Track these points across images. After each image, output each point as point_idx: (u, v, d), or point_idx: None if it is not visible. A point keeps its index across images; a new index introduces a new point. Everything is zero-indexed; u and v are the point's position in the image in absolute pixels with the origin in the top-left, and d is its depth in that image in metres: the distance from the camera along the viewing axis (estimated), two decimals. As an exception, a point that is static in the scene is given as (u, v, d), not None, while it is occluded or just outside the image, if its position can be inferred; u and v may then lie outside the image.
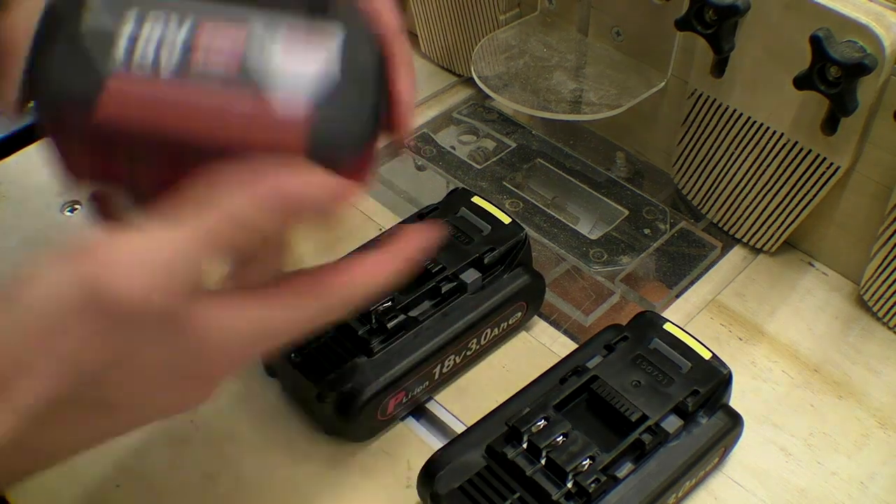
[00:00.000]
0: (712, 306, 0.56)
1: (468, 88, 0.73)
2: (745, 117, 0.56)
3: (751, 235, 0.59)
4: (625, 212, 0.61)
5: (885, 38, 0.47)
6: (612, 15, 0.62)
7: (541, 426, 0.43)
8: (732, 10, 0.51)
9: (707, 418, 0.45)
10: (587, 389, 0.45)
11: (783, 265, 0.59)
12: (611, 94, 0.60)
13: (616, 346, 0.47)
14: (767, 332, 0.55)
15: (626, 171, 0.66)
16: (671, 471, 0.43)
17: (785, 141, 0.55)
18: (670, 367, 0.46)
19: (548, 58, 0.63)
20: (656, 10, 0.58)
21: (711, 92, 0.57)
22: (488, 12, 0.68)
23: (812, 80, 0.50)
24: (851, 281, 0.58)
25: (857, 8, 0.48)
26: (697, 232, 0.60)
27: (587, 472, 0.41)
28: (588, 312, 0.56)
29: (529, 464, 0.42)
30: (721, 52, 0.54)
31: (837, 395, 0.52)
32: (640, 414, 0.43)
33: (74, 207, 0.61)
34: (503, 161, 0.65)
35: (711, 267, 0.59)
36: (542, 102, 0.60)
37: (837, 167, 0.53)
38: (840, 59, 0.48)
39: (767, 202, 0.57)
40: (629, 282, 0.57)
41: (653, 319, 0.48)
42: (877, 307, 0.55)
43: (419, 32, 0.75)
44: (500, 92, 0.61)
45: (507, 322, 0.51)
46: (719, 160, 0.59)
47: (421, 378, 0.48)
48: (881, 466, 0.48)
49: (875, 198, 0.54)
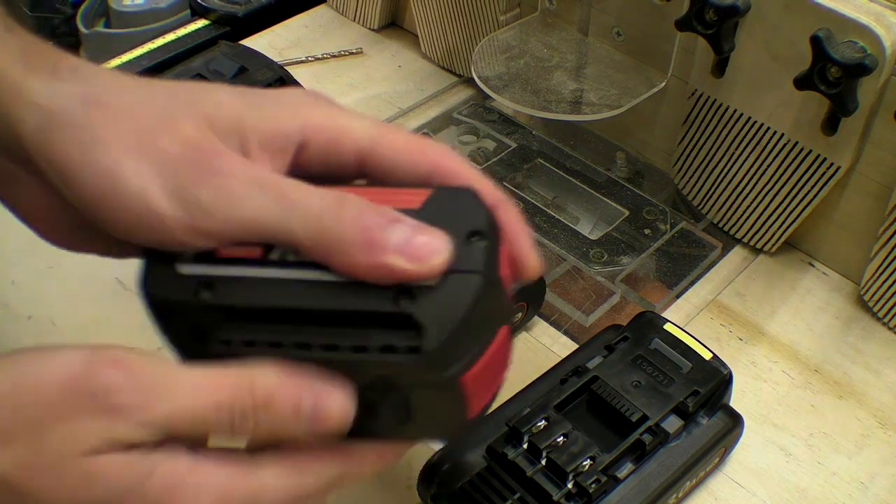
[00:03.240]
0: (712, 306, 0.57)
1: (468, 89, 0.73)
2: (745, 117, 0.56)
3: (751, 235, 0.59)
4: (625, 212, 0.61)
5: (886, 39, 0.47)
6: (612, 15, 0.62)
7: (541, 426, 0.43)
8: (733, 11, 0.51)
9: (707, 418, 0.45)
10: (587, 390, 0.45)
11: (783, 265, 0.59)
12: (611, 94, 0.60)
13: (616, 346, 0.47)
14: (768, 332, 0.55)
15: (627, 171, 0.66)
16: (671, 471, 0.43)
17: (785, 141, 0.55)
18: (671, 368, 0.45)
19: (548, 58, 0.63)
20: (657, 10, 0.58)
21: (712, 92, 0.57)
22: (488, 12, 0.68)
23: (812, 81, 0.50)
24: (852, 281, 0.58)
25: (857, 8, 0.48)
26: (697, 232, 0.60)
27: (587, 473, 0.41)
28: (588, 313, 0.56)
29: (530, 464, 0.42)
30: (721, 52, 0.54)
31: (838, 395, 0.52)
32: (641, 414, 0.43)
33: (75, 208, 0.61)
34: (503, 161, 0.65)
35: (712, 267, 0.59)
36: (543, 103, 0.60)
37: (838, 167, 0.53)
38: (840, 60, 0.48)
39: (768, 202, 0.57)
40: (629, 282, 0.57)
41: (653, 320, 0.48)
42: (877, 307, 0.55)
43: (419, 32, 0.75)
44: (500, 92, 0.61)
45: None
46: (719, 160, 0.59)
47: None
48: (881, 466, 0.48)
49: (875, 198, 0.54)
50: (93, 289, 0.56)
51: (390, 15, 0.80)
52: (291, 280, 0.31)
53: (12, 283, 0.56)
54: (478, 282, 0.30)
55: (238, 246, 0.31)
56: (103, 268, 0.58)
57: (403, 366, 0.30)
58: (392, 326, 0.30)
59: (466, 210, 0.32)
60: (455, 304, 0.30)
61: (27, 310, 0.55)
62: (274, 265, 0.31)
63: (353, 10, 0.80)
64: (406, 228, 0.30)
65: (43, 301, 0.55)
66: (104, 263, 0.58)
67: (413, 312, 0.30)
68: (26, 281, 0.57)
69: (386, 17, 0.79)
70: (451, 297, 0.30)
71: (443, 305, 0.30)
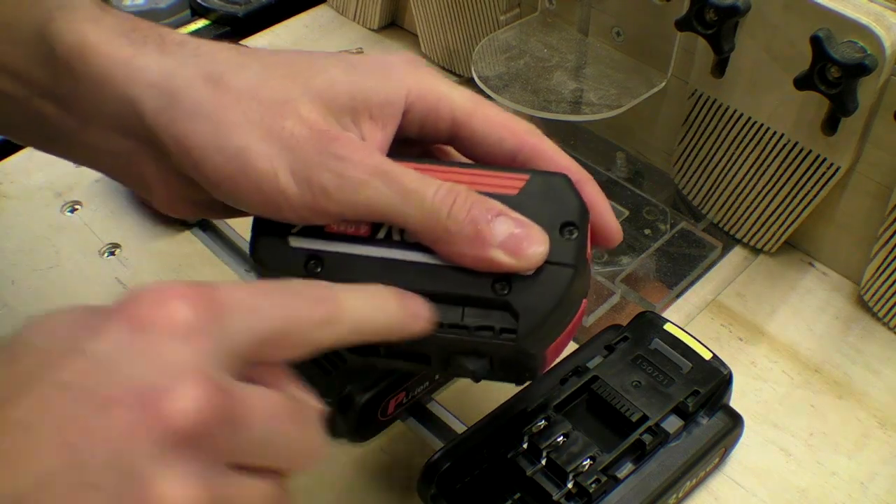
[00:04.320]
0: (713, 306, 0.56)
1: (469, 89, 0.73)
2: (745, 117, 0.56)
3: (751, 236, 0.59)
4: (625, 212, 0.61)
5: (886, 39, 0.47)
6: (612, 15, 0.62)
7: (541, 426, 0.43)
8: (733, 11, 0.51)
9: (707, 418, 0.45)
10: (587, 390, 0.45)
11: (783, 265, 0.59)
12: (611, 94, 0.60)
13: (616, 346, 0.47)
14: (768, 332, 0.55)
15: (627, 171, 0.66)
16: (672, 471, 0.43)
17: (785, 141, 0.55)
18: (671, 368, 0.46)
19: (548, 58, 0.63)
20: (657, 10, 0.58)
21: (712, 92, 0.57)
22: (488, 12, 0.68)
23: (812, 81, 0.50)
24: (852, 281, 0.58)
25: (857, 8, 0.48)
26: (698, 232, 0.60)
27: (588, 473, 0.41)
28: (588, 313, 0.56)
29: (530, 464, 0.42)
30: (721, 52, 0.54)
31: (838, 395, 0.52)
32: (641, 414, 0.43)
33: (75, 208, 0.61)
34: (503, 161, 0.65)
35: (712, 267, 0.59)
36: (543, 103, 0.60)
37: (838, 167, 0.53)
38: (840, 60, 0.48)
39: (768, 202, 0.57)
40: (629, 282, 0.57)
41: (653, 320, 0.48)
42: (877, 307, 0.55)
43: (419, 32, 0.75)
44: (500, 92, 0.61)
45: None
46: (720, 160, 0.59)
47: (421, 378, 0.48)
48: (881, 466, 0.48)
49: (875, 198, 0.54)
50: (93, 289, 0.56)
51: (390, 15, 0.80)
52: (396, 260, 0.34)
53: (12, 283, 0.56)
54: (570, 274, 0.33)
55: (347, 222, 0.34)
56: (103, 268, 0.58)
57: (497, 345, 0.33)
58: (489, 307, 0.33)
59: (560, 199, 0.35)
60: (548, 294, 0.33)
61: (27, 310, 0.55)
62: (380, 244, 0.34)
63: (353, 10, 0.80)
64: (510, 223, 0.33)
65: (43, 301, 0.55)
66: (104, 263, 0.58)
67: (511, 300, 0.33)
68: (26, 281, 0.57)
69: (386, 17, 0.79)
70: (545, 288, 0.33)
71: (537, 294, 0.33)
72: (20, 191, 0.63)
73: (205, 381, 0.25)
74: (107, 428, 0.24)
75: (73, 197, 0.62)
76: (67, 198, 0.62)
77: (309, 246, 0.34)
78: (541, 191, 0.34)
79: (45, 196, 0.62)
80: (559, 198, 0.35)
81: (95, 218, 0.61)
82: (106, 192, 0.62)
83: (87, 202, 0.62)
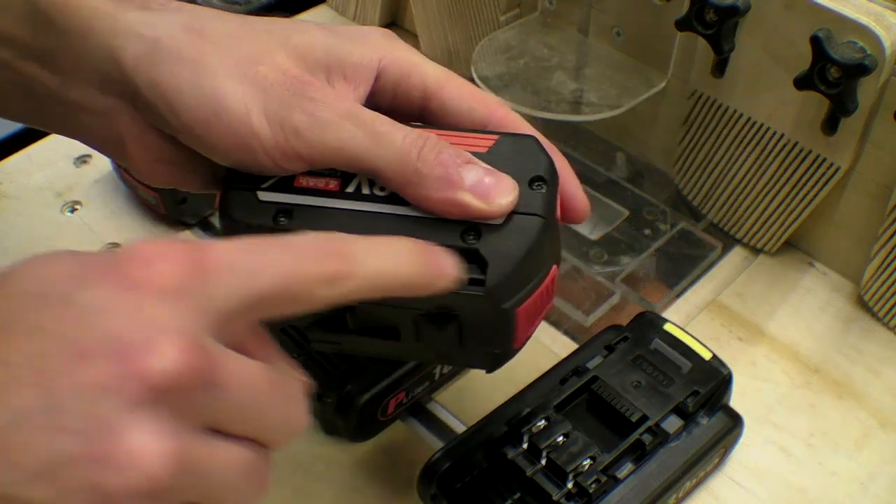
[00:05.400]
0: (712, 306, 0.56)
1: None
2: (745, 118, 0.56)
3: (751, 236, 0.59)
4: (625, 212, 0.61)
5: (886, 39, 0.47)
6: (612, 15, 0.62)
7: (541, 426, 0.43)
8: (733, 11, 0.51)
9: (707, 419, 0.45)
10: (587, 390, 0.45)
11: (783, 265, 0.59)
12: (611, 94, 0.60)
13: (616, 346, 0.47)
14: (768, 332, 0.55)
15: (626, 171, 0.66)
16: (671, 471, 0.43)
17: (785, 141, 0.55)
18: (671, 368, 0.46)
19: (548, 58, 0.63)
20: (657, 10, 0.58)
21: (712, 92, 0.57)
22: (488, 12, 0.68)
23: (812, 81, 0.50)
24: (852, 281, 0.58)
25: (857, 8, 0.48)
26: (698, 232, 0.60)
27: (587, 473, 0.41)
28: (588, 313, 0.56)
29: (530, 464, 0.42)
30: (721, 52, 0.54)
31: (837, 395, 0.52)
32: (641, 414, 0.43)
33: (75, 208, 0.61)
34: (503, 161, 0.65)
35: (712, 267, 0.59)
36: (543, 103, 0.60)
37: (838, 167, 0.53)
38: (840, 60, 0.48)
39: (768, 202, 0.57)
40: (629, 282, 0.57)
41: (653, 320, 0.48)
42: (877, 307, 0.55)
43: (419, 32, 0.75)
44: (500, 92, 0.61)
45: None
46: (720, 160, 0.59)
47: (421, 378, 0.48)
48: (881, 466, 0.48)
49: (875, 198, 0.54)
50: (93, 289, 0.56)
51: (390, 15, 0.80)
52: (365, 212, 0.34)
53: (12, 283, 0.56)
54: (539, 223, 0.33)
55: (317, 177, 0.35)
56: (103, 268, 0.58)
57: (466, 297, 0.33)
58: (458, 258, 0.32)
59: (529, 156, 0.35)
60: (517, 243, 0.33)
61: (27, 310, 0.55)
62: (349, 197, 0.34)
63: (353, 9, 0.80)
64: (479, 170, 0.33)
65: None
66: (104, 263, 0.58)
67: (479, 248, 0.33)
68: (26, 281, 0.57)
69: (386, 16, 0.79)
70: (514, 237, 0.33)
71: (506, 243, 0.33)
72: (20, 191, 0.63)
73: (185, 341, 0.25)
74: (83, 376, 0.24)
75: (73, 197, 0.62)
76: (67, 198, 0.62)
77: (279, 200, 0.34)
78: (510, 150, 0.35)
79: (45, 196, 0.62)
80: (528, 155, 0.35)
81: (95, 218, 0.61)
82: (106, 192, 0.62)
83: (87, 202, 0.62)
